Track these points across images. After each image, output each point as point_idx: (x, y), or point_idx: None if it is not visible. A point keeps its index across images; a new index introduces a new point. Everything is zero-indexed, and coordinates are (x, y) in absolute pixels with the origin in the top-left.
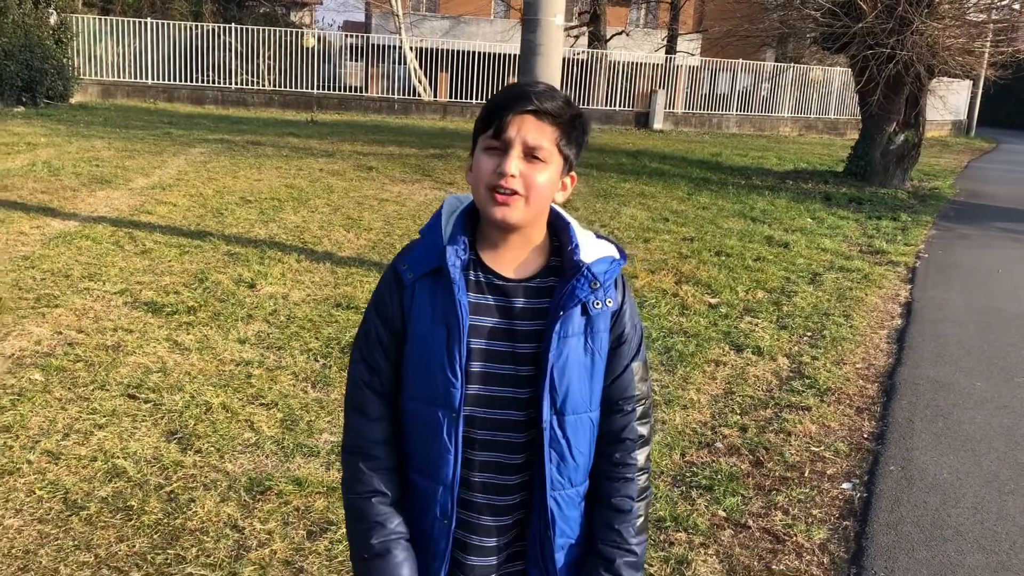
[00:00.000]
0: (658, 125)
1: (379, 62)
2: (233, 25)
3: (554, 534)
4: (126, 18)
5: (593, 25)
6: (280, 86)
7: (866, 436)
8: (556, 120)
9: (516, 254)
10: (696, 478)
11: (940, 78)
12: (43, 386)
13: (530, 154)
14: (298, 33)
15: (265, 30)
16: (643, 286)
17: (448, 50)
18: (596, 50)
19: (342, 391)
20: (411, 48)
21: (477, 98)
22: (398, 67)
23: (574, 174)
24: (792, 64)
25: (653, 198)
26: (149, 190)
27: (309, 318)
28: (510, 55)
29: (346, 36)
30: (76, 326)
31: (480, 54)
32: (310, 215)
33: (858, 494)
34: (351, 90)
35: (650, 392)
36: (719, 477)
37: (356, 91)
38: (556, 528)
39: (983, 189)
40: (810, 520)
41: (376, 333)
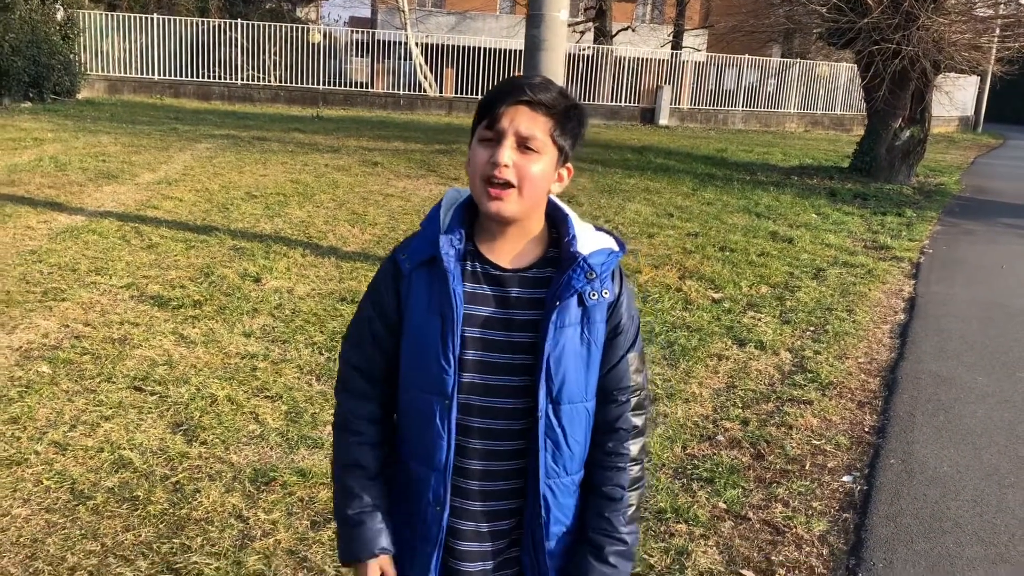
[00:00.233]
0: (663, 121)
1: (385, 58)
2: (239, 21)
3: (547, 521)
4: (132, 14)
5: (599, 21)
6: (286, 82)
7: (867, 430)
8: (550, 111)
9: (513, 245)
10: (697, 470)
11: (946, 74)
12: (50, 378)
13: (523, 144)
14: (304, 29)
15: (271, 26)
16: (647, 281)
17: (454, 46)
18: (602, 46)
19: None
20: (417, 44)
21: (482, 94)
22: (404, 63)
23: (571, 166)
24: (798, 60)
25: (658, 193)
26: (155, 185)
27: (314, 312)
28: (515, 51)
29: (352, 32)
30: (83, 319)
31: (485, 50)
32: (315, 210)
33: (858, 487)
34: (357, 86)
35: (646, 384)
36: (720, 470)
37: (362, 87)
38: (551, 515)
39: (989, 185)
40: (810, 512)
41: (369, 319)
